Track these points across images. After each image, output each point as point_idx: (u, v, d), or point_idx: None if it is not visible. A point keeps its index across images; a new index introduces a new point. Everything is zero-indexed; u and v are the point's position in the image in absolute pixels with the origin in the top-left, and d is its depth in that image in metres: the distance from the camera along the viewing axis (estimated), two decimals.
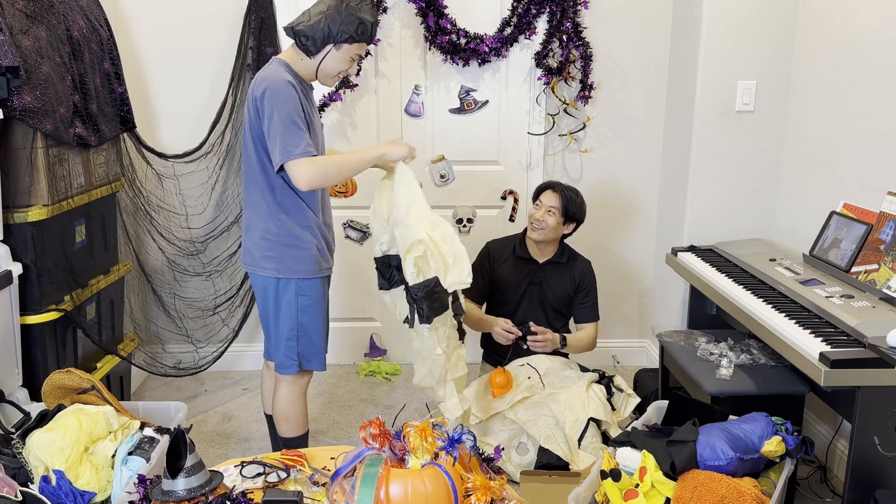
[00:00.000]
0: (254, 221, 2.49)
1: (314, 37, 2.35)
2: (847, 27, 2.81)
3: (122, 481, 2.23)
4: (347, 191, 3.67)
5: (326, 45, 2.37)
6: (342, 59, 2.42)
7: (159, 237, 3.53)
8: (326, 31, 2.34)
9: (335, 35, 2.35)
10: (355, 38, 2.36)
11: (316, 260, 2.49)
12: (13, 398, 2.51)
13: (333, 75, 2.46)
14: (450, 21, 3.49)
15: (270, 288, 2.50)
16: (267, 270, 2.48)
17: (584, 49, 3.52)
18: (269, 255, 2.46)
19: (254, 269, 2.52)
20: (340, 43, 2.37)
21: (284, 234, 2.45)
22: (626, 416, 2.94)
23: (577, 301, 3.14)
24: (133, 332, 3.54)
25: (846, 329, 2.21)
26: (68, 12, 2.83)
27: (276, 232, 2.45)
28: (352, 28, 2.34)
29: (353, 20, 2.34)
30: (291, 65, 2.42)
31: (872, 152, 2.67)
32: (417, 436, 1.76)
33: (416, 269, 2.40)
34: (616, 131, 3.69)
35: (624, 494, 2.13)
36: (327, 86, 2.57)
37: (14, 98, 2.47)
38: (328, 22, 2.33)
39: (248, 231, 2.53)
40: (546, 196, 3.05)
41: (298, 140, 2.29)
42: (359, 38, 2.37)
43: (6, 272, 2.49)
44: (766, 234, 3.37)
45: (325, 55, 2.40)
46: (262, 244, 2.47)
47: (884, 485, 2.11)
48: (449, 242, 2.43)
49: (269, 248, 2.46)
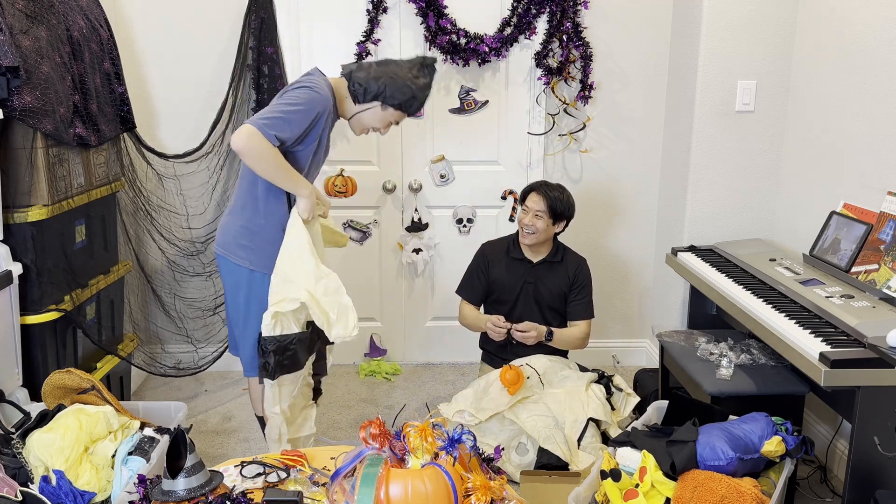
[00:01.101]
0: (240, 209, 2.46)
1: (368, 88, 2.43)
2: (847, 27, 2.81)
3: (122, 481, 2.23)
4: (347, 191, 3.69)
5: (375, 101, 2.45)
6: (381, 119, 2.49)
7: (159, 237, 3.53)
8: (380, 90, 2.42)
9: (387, 97, 2.43)
10: (402, 108, 2.47)
11: None
12: (13, 398, 2.51)
13: (366, 128, 2.53)
14: (450, 21, 3.49)
15: (243, 279, 2.45)
16: (240, 259, 2.44)
17: (584, 49, 3.52)
18: (245, 244, 2.43)
19: (226, 254, 2.46)
20: (388, 105, 2.45)
21: (268, 229, 2.42)
22: (625, 416, 2.94)
23: (571, 298, 3.13)
24: (133, 332, 3.54)
25: (846, 329, 2.21)
26: (68, 12, 2.83)
27: (261, 225, 2.43)
28: (403, 98, 2.44)
29: (407, 91, 2.43)
30: (336, 92, 2.46)
31: (872, 152, 2.67)
32: (417, 436, 1.76)
33: (274, 321, 2.37)
34: (616, 131, 3.69)
35: (624, 494, 2.13)
36: (354, 133, 2.59)
37: (14, 98, 2.47)
38: (386, 82, 2.42)
39: (231, 215, 2.48)
40: (532, 200, 3.04)
41: (282, 128, 2.28)
42: (404, 109, 2.48)
43: (6, 272, 2.49)
44: (766, 234, 3.37)
45: (368, 108, 2.47)
46: (242, 231, 2.44)
47: (884, 485, 2.11)
48: (332, 296, 2.37)
49: (247, 237, 2.43)
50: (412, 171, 3.73)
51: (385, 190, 3.74)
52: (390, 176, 3.73)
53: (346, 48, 3.55)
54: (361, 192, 3.70)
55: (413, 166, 3.73)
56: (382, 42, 3.56)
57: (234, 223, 2.46)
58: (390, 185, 3.72)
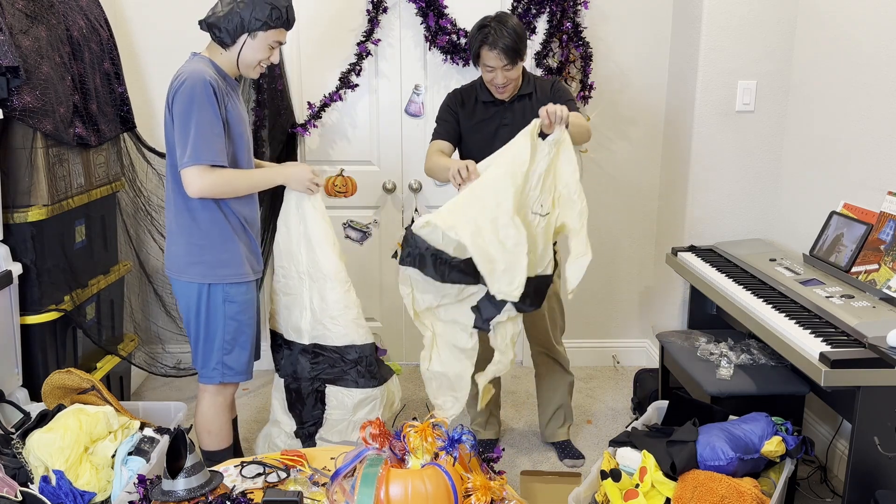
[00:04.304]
0: (175, 226, 2.37)
1: (227, 28, 2.25)
2: (847, 27, 2.81)
3: (121, 481, 2.23)
4: (347, 191, 3.68)
5: (241, 36, 2.27)
6: (260, 48, 2.31)
7: (159, 237, 3.53)
8: (238, 21, 2.24)
9: (248, 24, 2.24)
10: (270, 24, 2.26)
11: (244, 262, 2.39)
12: (13, 398, 2.51)
13: (254, 65, 2.35)
14: (450, 21, 3.49)
15: (194, 294, 2.37)
16: (192, 276, 2.35)
17: (584, 49, 3.52)
18: (195, 261, 2.34)
19: (178, 276, 2.37)
20: (255, 31, 2.27)
21: (213, 237, 2.34)
22: None
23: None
24: (133, 332, 3.54)
25: (846, 329, 2.21)
26: (68, 12, 2.83)
27: (201, 234, 2.33)
28: (264, 14, 2.24)
29: (264, 6, 2.24)
30: (213, 60, 2.32)
31: (872, 152, 2.67)
32: (417, 436, 1.76)
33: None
34: (616, 131, 3.69)
35: (624, 494, 2.13)
36: (251, 77, 2.43)
37: (14, 98, 2.48)
38: (239, 11, 2.24)
39: (170, 236, 2.40)
40: (489, 59, 2.62)
41: (210, 145, 2.20)
42: (274, 24, 2.27)
43: (6, 272, 2.49)
44: (766, 234, 3.37)
45: (241, 46, 2.29)
46: (189, 249, 2.35)
47: (884, 485, 2.11)
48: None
49: (196, 254, 2.34)
50: (412, 171, 3.73)
51: (385, 190, 3.74)
52: (390, 176, 3.73)
53: (347, 48, 3.55)
54: (361, 192, 3.70)
55: (413, 166, 3.72)
56: (382, 42, 3.56)
57: (179, 245, 2.37)
58: (390, 185, 3.72)
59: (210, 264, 2.34)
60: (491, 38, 2.58)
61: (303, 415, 2.64)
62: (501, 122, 2.76)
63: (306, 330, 2.58)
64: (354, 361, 2.56)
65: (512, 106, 2.76)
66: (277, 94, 3.45)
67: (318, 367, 2.58)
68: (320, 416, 2.63)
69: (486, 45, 2.60)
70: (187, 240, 2.34)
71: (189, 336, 2.46)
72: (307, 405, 2.63)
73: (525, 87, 2.77)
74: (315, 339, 2.58)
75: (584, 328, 3.90)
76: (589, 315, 3.89)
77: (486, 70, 2.67)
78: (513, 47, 2.57)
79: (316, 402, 2.62)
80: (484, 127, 2.78)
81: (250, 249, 2.43)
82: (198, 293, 2.36)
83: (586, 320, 3.89)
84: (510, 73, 2.64)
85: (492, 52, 2.59)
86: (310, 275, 2.54)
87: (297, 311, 2.59)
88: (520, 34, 2.61)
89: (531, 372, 3.72)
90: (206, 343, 2.42)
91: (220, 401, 2.50)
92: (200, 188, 2.22)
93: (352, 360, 2.56)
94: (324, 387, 2.60)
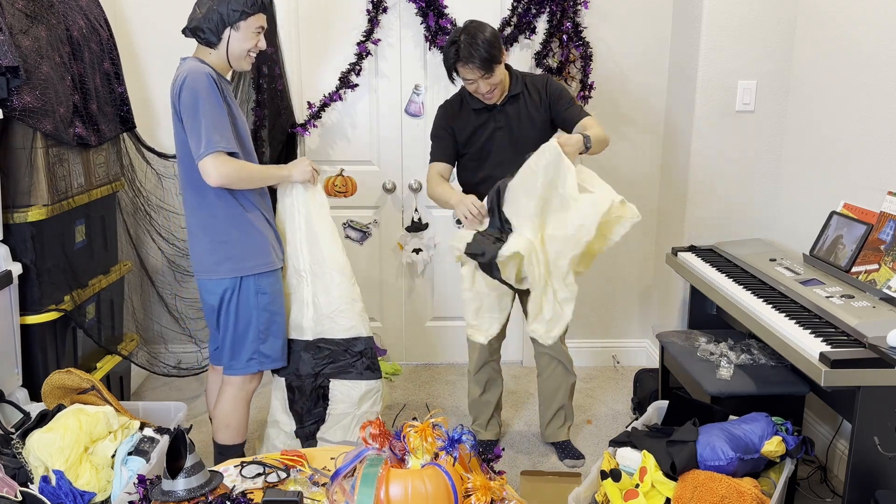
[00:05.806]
0: (196, 227, 2.43)
1: (209, 27, 2.33)
2: (847, 27, 2.80)
3: (121, 481, 2.23)
4: (347, 191, 3.68)
5: (224, 31, 2.35)
6: (245, 38, 2.37)
7: (158, 237, 3.53)
8: (218, 18, 2.32)
9: (228, 17, 2.32)
10: (248, 12, 2.33)
11: (270, 250, 2.46)
12: (13, 398, 2.51)
13: (244, 56, 2.42)
14: (450, 21, 3.49)
15: (226, 290, 2.43)
16: (225, 272, 2.42)
17: (584, 49, 3.52)
18: (219, 258, 2.41)
19: (207, 276, 2.44)
20: (236, 22, 2.34)
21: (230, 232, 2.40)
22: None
23: (559, 110, 2.79)
24: (136, 331, 3.54)
25: (846, 329, 2.21)
26: (68, 12, 2.83)
27: (222, 230, 2.40)
28: (240, 4, 2.32)
29: None
30: (205, 61, 2.38)
31: (872, 152, 2.67)
32: (417, 436, 1.76)
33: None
34: (616, 131, 3.69)
35: (624, 495, 2.13)
36: (244, 69, 2.48)
37: (14, 98, 2.48)
38: (216, 8, 2.31)
39: (192, 237, 2.46)
40: (466, 73, 2.64)
41: (223, 132, 2.27)
42: (251, 10, 2.34)
43: (6, 272, 2.49)
44: (766, 234, 3.37)
45: (227, 41, 2.37)
46: (210, 247, 2.41)
47: (884, 485, 2.11)
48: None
49: (223, 251, 2.41)
50: (412, 171, 3.73)
51: (385, 190, 3.74)
52: (390, 176, 3.73)
53: (347, 48, 3.55)
54: (361, 192, 3.70)
55: (413, 166, 3.72)
56: (382, 42, 3.56)
57: (203, 245, 2.43)
58: (390, 185, 3.72)
59: (237, 258, 2.42)
60: (463, 54, 2.60)
61: (304, 413, 2.66)
62: (496, 126, 2.81)
63: (308, 327, 2.62)
64: (360, 353, 2.62)
65: (504, 109, 2.80)
66: (277, 94, 3.45)
67: (321, 362, 2.62)
68: (322, 413, 2.65)
69: (459, 61, 2.62)
70: (210, 238, 2.41)
71: (216, 330, 2.54)
72: (309, 402, 2.65)
73: (514, 86, 2.78)
74: (320, 334, 2.62)
75: (584, 328, 3.90)
76: (589, 315, 3.89)
77: (467, 83, 2.70)
78: (487, 58, 2.59)
79: (318, 399, 2.64)
80: (479, 135, 2.82)
81: (273, 237, 2.50)
82: (231, 288, 2.44)
83: (586, 320, 3.89)
84: (491, 79, 2.65)
85: (467, 66, 2.62)
86: (311, 272, 2.58)
87: (296, 309, 2.63)
88: (492, 42, 2.61)
89: (531, 372, 3.72)
90: (237, 336, 2.48)
91: (243, 395, 2.57)
92: (219, 176, 2.28)
93: (357, 352, 2.62)
94: (327, 382, 2.63)
